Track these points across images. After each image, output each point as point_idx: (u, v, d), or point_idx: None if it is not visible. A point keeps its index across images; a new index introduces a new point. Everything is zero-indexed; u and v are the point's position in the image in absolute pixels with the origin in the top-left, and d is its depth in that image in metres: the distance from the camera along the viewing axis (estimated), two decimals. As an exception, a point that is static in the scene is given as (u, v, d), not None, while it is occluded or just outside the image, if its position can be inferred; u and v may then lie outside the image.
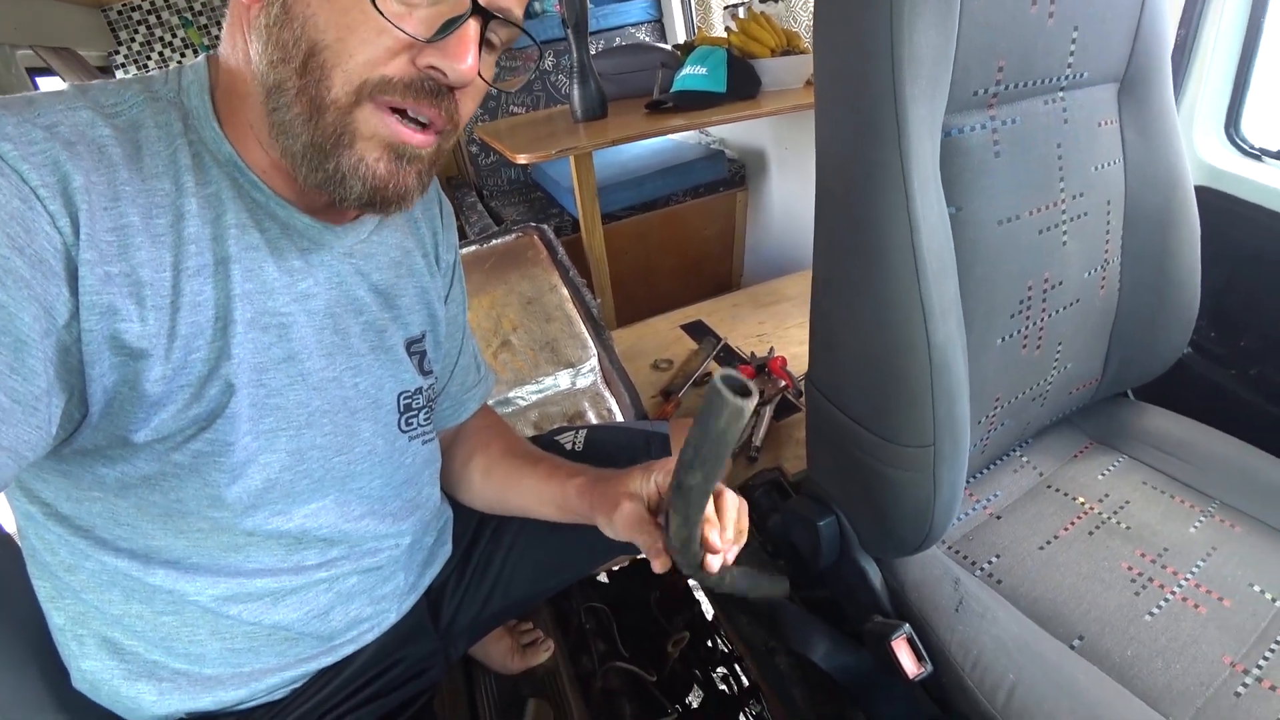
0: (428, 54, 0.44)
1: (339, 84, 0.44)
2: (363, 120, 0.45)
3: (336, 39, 0.43)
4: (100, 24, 2.28)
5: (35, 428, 0.38)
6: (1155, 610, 0.69)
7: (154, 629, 0.55)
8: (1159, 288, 0.82)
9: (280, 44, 0.44)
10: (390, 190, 0.48)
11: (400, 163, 0.47)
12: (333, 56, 0.43)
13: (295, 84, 0.44)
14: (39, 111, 0.41)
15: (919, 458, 0.63)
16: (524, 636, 1.07)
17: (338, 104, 0.44)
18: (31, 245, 0.37)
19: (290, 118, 0.45)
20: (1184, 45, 0.98)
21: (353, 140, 0.45)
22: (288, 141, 0.46)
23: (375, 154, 0.46)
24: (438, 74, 0.45)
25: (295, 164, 0.46)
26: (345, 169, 0.46)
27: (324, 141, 0.45)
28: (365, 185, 0.47)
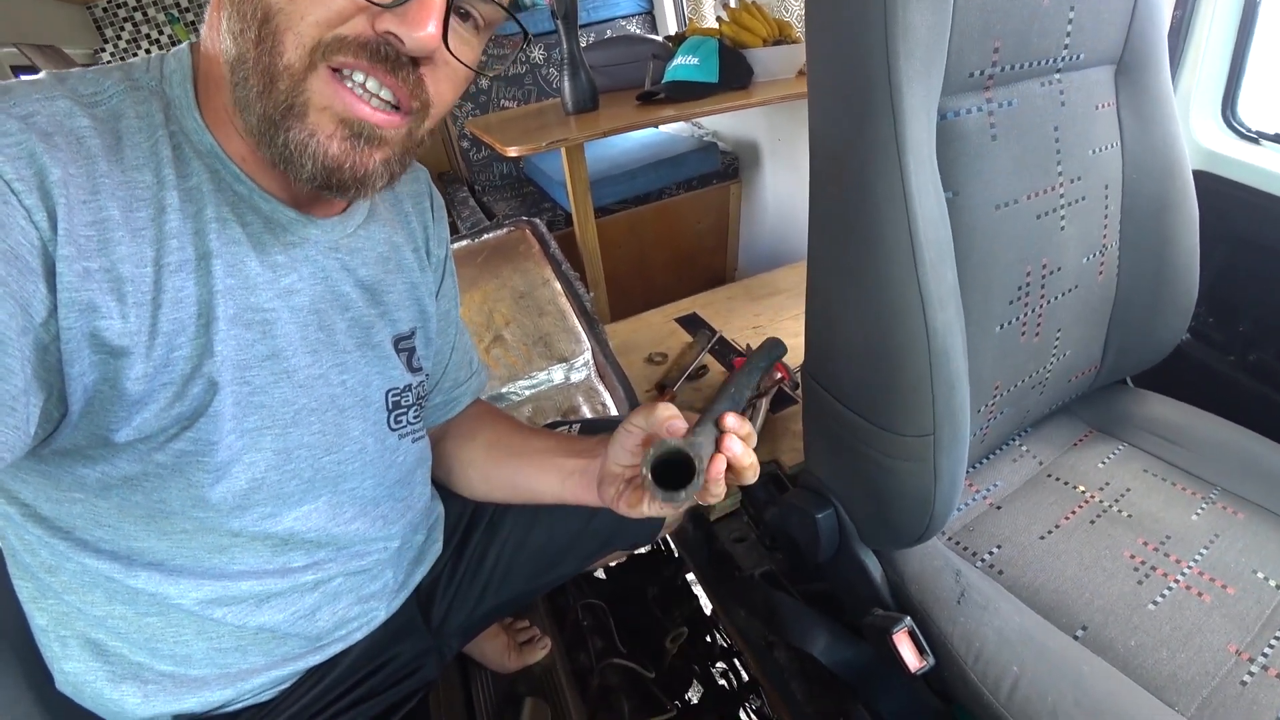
0: (386, 19, 0.41)
1: (291, 48, 0.41)
2: (315, 90, 0.42)
3: (289, 1, 0.41)
4: (86, 21, 2.26)
5: (13, 428, 0.36)
6: (1159, 599, 0.68)
7: (138, 630, 0.53)
8: (1158, 273, 0.82)
9: (241, 14, 0.42)
10: (346, 172, 0.44)
11: (358, 142, 0.44)
12: (285, 20, 0.41)
13: (252, 54, 0.42)
14: (15, 101, 0.39)
15: (918, 447, 0.62)
16: (520, 634, 1.06)
17: (290, 70, 0.42)
18: (6, 241, 0.36)
19: (247, 91, 0.43)
20: (1180, 27, 0.97)
21: (304, 111, 0.42)
22: (246, 116, 0.44)
23: (329, 129, 0.43)
24: (396, 40, 0.42)
25: (255, 141, 0.44)
26: (294, 143, 0.43)
27: (274, 112, 0.42)
28: (317, 163, 0.43)
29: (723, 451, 0.49)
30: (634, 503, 0.55)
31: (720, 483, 0.49)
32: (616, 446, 0.56)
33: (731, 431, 0.49)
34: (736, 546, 1.04)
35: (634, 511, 0.55)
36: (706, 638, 1.23)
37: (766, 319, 1.65)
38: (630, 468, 0.57)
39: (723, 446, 0.49)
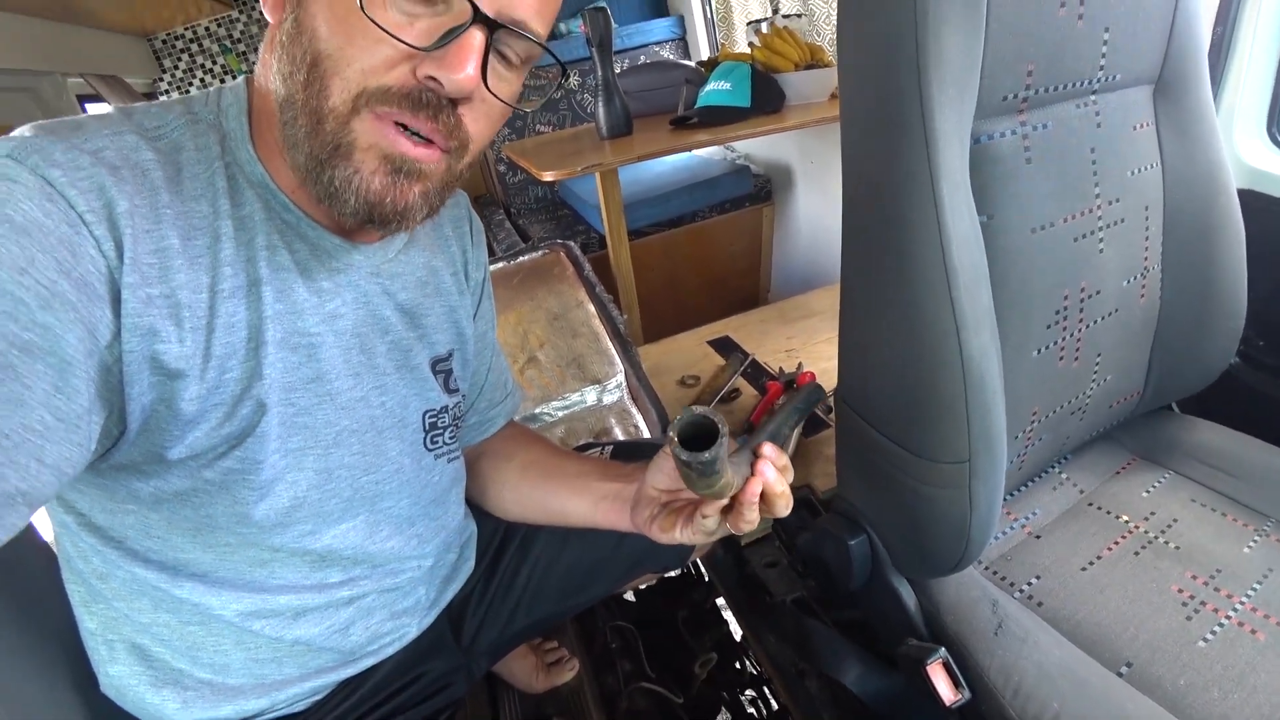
0: (426, 64, 0.43)
1: (337, 92, 0.43)
2: (360, 130, 0.44)
3: (336, 48, 0.43)
4: (146, 52, 2.38)
5: (77, 444, 0.38)
6: (1209, 636, 0.65)
7: (180, 638, 0.55)
8: (1202, 295, 0.79)
9: (292, 58, 0.44)
10: (388, 205, 0.46)
11: (398, 177, 0.46)
12: (332, 65, 0.43)
13: (301, 96, 0.44)
14: (86, 137, 0.42)
15: (954, 474, 0.61)
16: (548, 655, 1.06)
17: (335, 112, 0.43)
18: (78, 269, 0.39)
19: (296, 130, 0.45)
20: (1220, 44, 0.95)
21: (350, 151, 0.44)
22: (294, 154, 0.46)
23: (371, 166, 0.45)
24: (435, 84, 0.44)
25: (303, 178, 0.46)
26: (339, 180, 0.45)
27: (321, 152, 0.44)
28: (359, 199, 0.45)
29: (757, 475, 0.49)
30: (667, 527, 0.55)
31: (754, 507, 0.49)
32: (655, 470, 0.57)
33: (767, 458, 0.49)
34: (768, 572, 1.03)
35: (666, 536, 0.55)
36: (736, 664, 1.22)
37: (799, 342, 1.64)
38: (666, 492, 0.57)
39: (757, 469, 0.49)
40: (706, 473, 0.43)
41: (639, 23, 2.69)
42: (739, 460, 0.50)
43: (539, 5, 0.46)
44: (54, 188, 0.38)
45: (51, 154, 0.39)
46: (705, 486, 0.46)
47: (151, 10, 2.12)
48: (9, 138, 0.40)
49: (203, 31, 2.44)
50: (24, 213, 0.37)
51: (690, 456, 0.40)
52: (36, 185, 0.38)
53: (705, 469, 0.41)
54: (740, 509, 0.49)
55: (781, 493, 0.50)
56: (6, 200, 0.37)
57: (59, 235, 0.38)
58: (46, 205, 0.38)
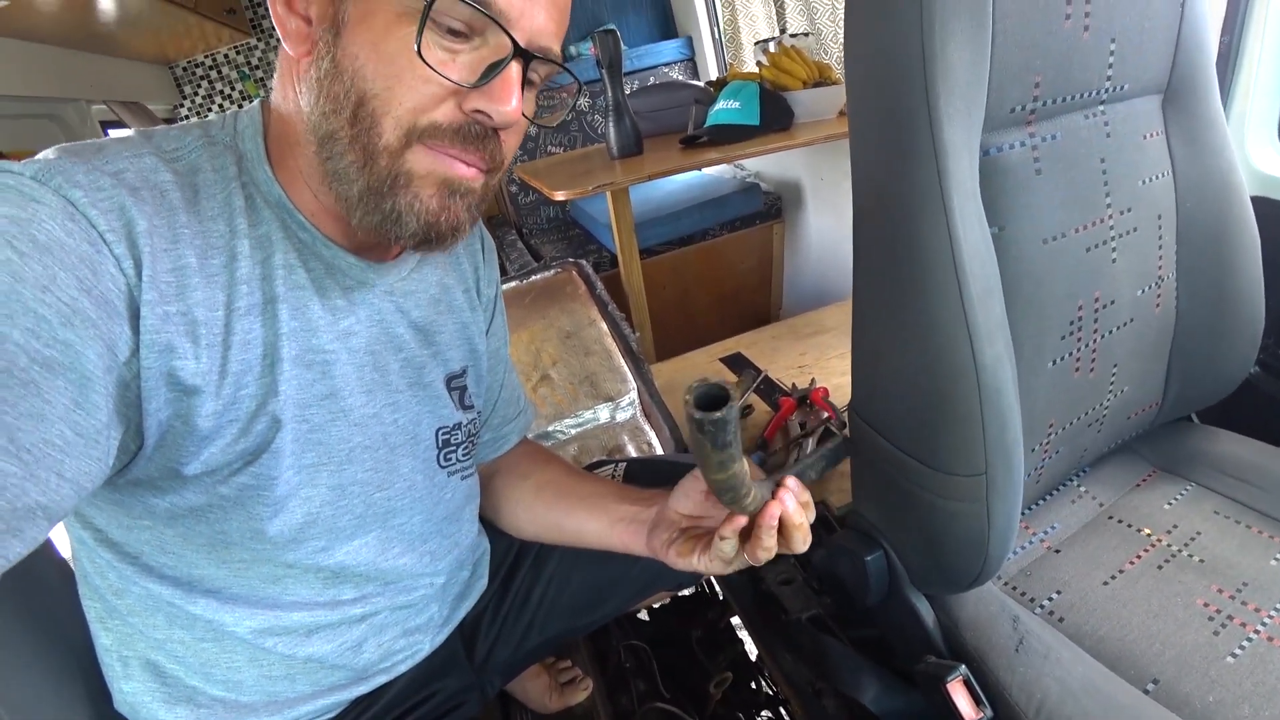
0: (473, 98, 0.46)
1: (389, 130, 0.45)
2: (415, 161, 0.46)
3: (384, 88, 0.44)
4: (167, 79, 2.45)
5: (96, 459, 0.39)
6: (1238, 651, 0.64)
7: (194, 655, 0.55)
8: (1219, 304, 0.78)
9: (331, 97, 0.45)
10: (443, 224, 0.49)
11: (453, 197, 0.49)
12: (381, 105, 0.45)
13: (347, 133, 0.46)
14: (107, 159, 0.43)
15: (970, 487, 0.60)
16: (562, 674, 1.05)
17: (389, 149, 0.46)
18: (98, 286, 0.39)
19: (344, 165, 0.47)
20: (1228, 53, 0.95)
21: (409, 181, 0.47)
22: (343, 187, 0.47)
23: (429, 191, 0.48)
24: (483, 117, 0.46)
25: (350, 208, 0.48)
26: (401, 208, 0.47)
27: (380, 185, 0.47)
28: (420, 221, 0.48)
29: (778, 500, 0.49)
30: (684, 553, 0.55)
31: (772, 533, 0.50)
32: (680, 494, 0.57)
33: (790, 489, 0.50)
34: (783, 589, 1.01)
35: (683, 563, 0.56)
36: (751, 684, 1.20)
37: (812, 358, 1.63)
38: (688, 517, 0.58)
39: (778, 495, 0.49)
40: (719, 440, 0.43)
41: (648, 44, 2.73)
42: (762, 486, 0.50)
43: (557, 30, 0.49)
44: (76, 208, 0.39)
45: (74, 175, 0.40)
46: (719, 468, 0.45)
47: (174, 40, 2.18)
48: (34, 160, 0.41)
49: (222, 59, 2.51)
50: (47, 232, 0.38)
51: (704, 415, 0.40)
52: (59, 205, 0.39)
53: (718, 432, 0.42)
54: (758, 534, 0.50)
55: (800, 525, 0.51)
56: (31, 220, 0.38)
57: (80, 254, 0.39)
58: (69, 225, 0.39)
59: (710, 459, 0.45)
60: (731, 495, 0.48)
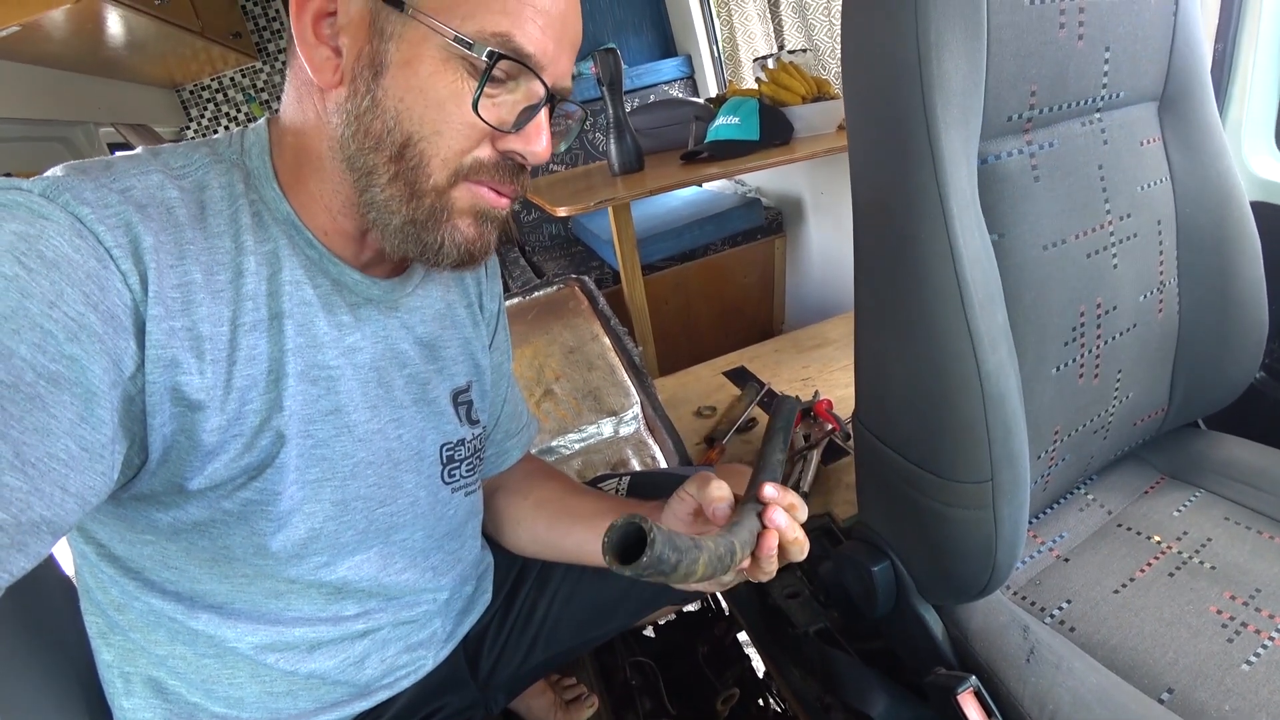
0: (508, 140, 0.49)
1: (438, 171, 0.48)
2: (459, 196, 0.50)
3: (433, 132, 0.47)
4: (174, 102, 2.49)
5: (100, 474, 0.39)
6: (1253, 658, 0.63)
7: (196, 671, 0.55)
8: (1222, 309, 0.78)
9: (371, 133, 0.47)
10: (478, 249, 0.53)
11: (485, 224, 0.52)
12: (430, 147, 0.47)
13: (390, 169, 0.48)
14: (114, 176, 0.44)
15: (977, 494, 0.60)
16: (567, 692, 1.03)
17: (437, 188, 0.48)
18: (105, 302, 0.40)
19: (386, 197, 0.49)
20: (1223, 60, 0.95)
21: (450, 215, 0.50)
22: (382, 217, 0.49)
23: (466, 221, 0.51)
24: (518, 157, 0.50)
25: (385, 235, 0.50)
26: (444, 239, 0.50)
27: (425, 219, 0.49)
28: (460, 250, 0.51)
29: (768, 525, 0.49)
30: None
31: (772, 559, 0.49)
32: (669, 514, 0.57)
33: (772, 503, 0.49)
34: (790, 602, 1.01)
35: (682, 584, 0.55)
36: (759, 700, 1.18)
37: (815, 370, 1.63)
38: None
39: (766, 519, 0.49)
40: (663, 571, 0.39)
41: (648, 63, 2.76)
42: (745, 515, 0.49)
43: (570, 69, 0.52)
44: (83, 224, 0.40)
45: (82, 192, 0.41)
46: (683, 578, 0.41)
47: (180, 63, 2.22)
48: (43, 177, 0.41)
49: (228, 81, 2.54)
50: (54, 248, 0.38)
51: (632, 569, 0.37)
52: (67, 222, 0.39)
53: (654, 569, 0.38)
54: (759, 563, 0.49)
55: (795, 539, 0.50)
56: (39, 237, 0.38)
57: (87, 270, 0.39)
58: (76, 241, 0.39)
59: (672, 580, 0.41)
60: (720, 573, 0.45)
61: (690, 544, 0.41)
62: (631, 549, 0.39)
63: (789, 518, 0.49)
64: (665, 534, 0.39)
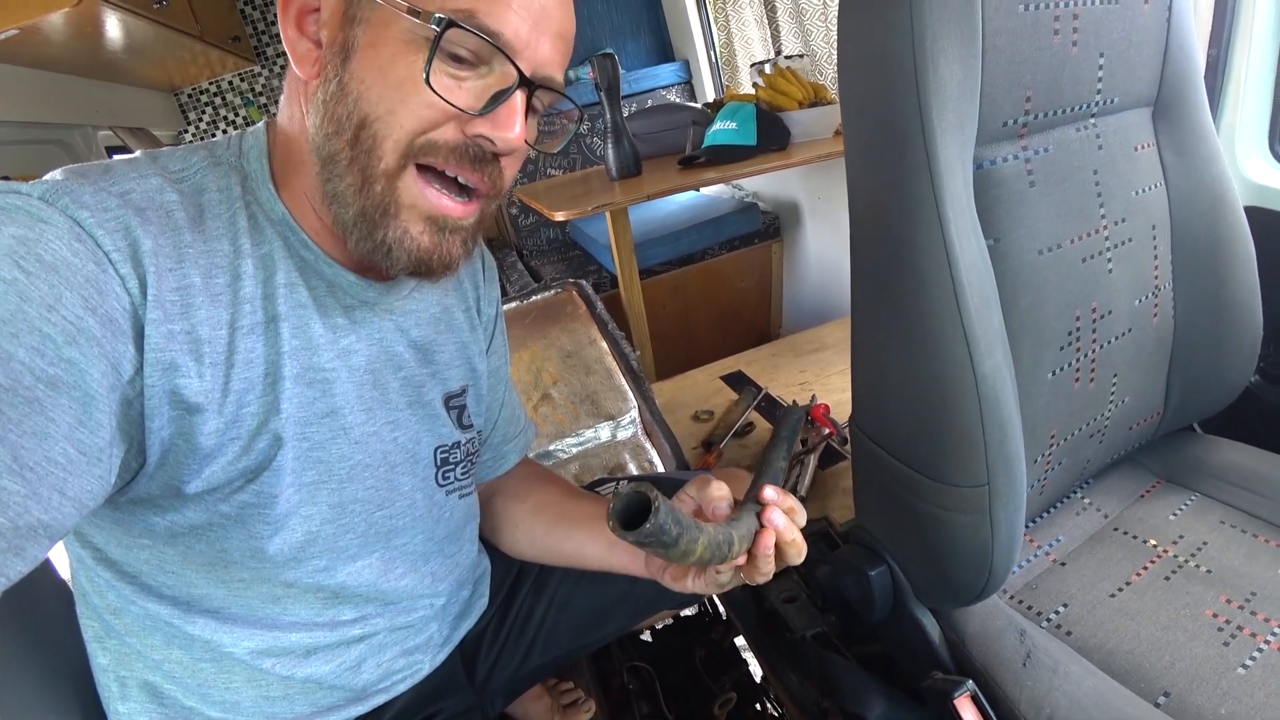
0: (476, 124, 0.46)
1: (389, 153, 0.46)
2: (404, 189, 0.47)
3: (388, 111, 0.45)
4: (172, 106, 2.49)
5: (98, 478, 0.39)
6: (1249, 662, 0.63)
7: (192, 676, 0.55)
8: (1217, 313, 0.79)
9: (335, 118, 0.46)
10: (435, 260, 0.50)
11: (444, 234, 0.49)
12: (384, 128, 0.45)
13: (348, 155, 0.46)
14: (113, 180, 0.44)
15: (973, 498, 0.60)
16: (564, 696, 1.03)
17: (387, 172, 0.46)
18: (103, 306, 0.40)
19: (343, 188, 0.47)
20: (1216, 66, 0.96)
21: (396, 210, 0.47)
22: (340, 210, 0.48)
23: (419, 227, 0.48)
24: (485, 142, 0.47)
25: (347, 232, 0.49)
26: (391, 240, 0.48)
27: (373, 211, 0.47)
28: (410, 257, 0.49)
29: (766, 525, 0.49)
30: (679, 577, 0.55)
31: (769, 560, 0.49)
32: None
33: (771, 504, 0.49)
34: (787, 607, 1.01)
35: (679, 586, 0.55)
36: (756, 705, 1.18)
37: (812, 375, 1.63)
38: None
39: (765, 519, 0.49)
40: (664, 542, 0.41)
41: (646, 68, 2.77)
42: (744, 514, 0.49)
43: (561, 60, 0.50)
44: (82, 228, 0.40)
45: (80, 196, 0.41)
46: (681, 555, 0.43)
47: (179, 67, 2.22)
48: (42, 181, 0.42)
49: (226, 86, 2.55)
50: (53, 252, 0.38)
51: (635, 535, 0.39)
52: (66, 225, 0.39)
53: (655, 539, 0.40)
54: (755, 562, 0.49)
55: (793, 540, 0.50)
56: (38, 240, 0.38)
57: (86, 273, 0.39)
58: (75, 245, 0.39)
59: (670, 556, 0.43)
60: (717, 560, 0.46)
61: (693, 524, 0.43)
62: (635, 517, 0.40)
63: (787, 520, 0.49)
64: (670, 506, 0.40)
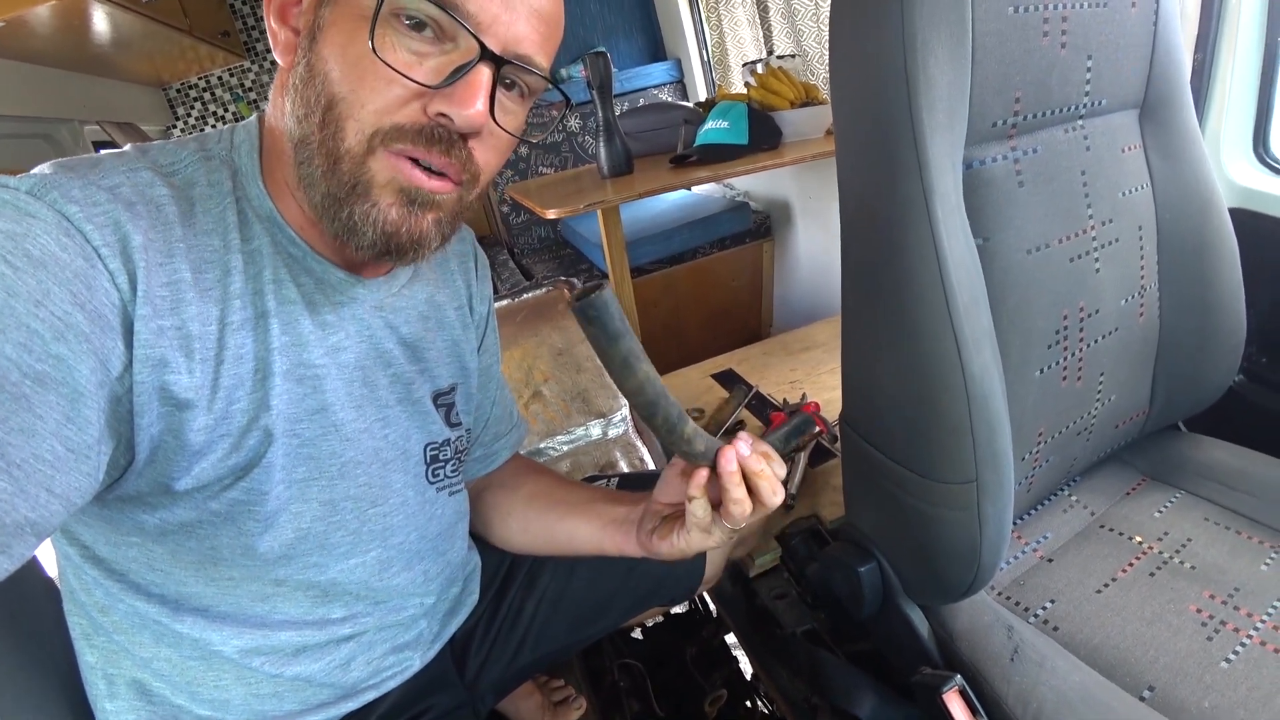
0: (437, 101, 0.44)
1: (352, 134, 0.44)
2: (377, 168, 0.45)
3: (350, 90, 0.44)
4: (160, 101, 2.46)
5: (86, 475, 0.39)
6: (1231, 656, 0.64)
7: (180, 674, 0.55)
8: (1201, 313, 0.80)
9: (305, 100, 0.46)
10: (404, 235, 0.47)
11: (413, 208, 0.47)
12: (346, 108, 0.44)
13: (316, 138, 0.45)
14: (103, 174, 0.43)
15: (961, 494, 0.60)
16: (555, 693, 1.03)
17: (352, 154, 0.45)
18: (92, 301, 0.39)
19: (312, 170, 0.46)
20: (1202, 69, 0.97)
21: (368, 189, 0.46)
22: (310, 193, 0.47)
23: (389, 200, 0.46)
24: (446, 120, 0.45)
25: (318, 215, 0.48)
26: (358, 216, 0.46)
27: (339, 191, 0.46)
28: (377, 230, 0.46)
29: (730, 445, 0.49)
30: (665, 535, 0.57)
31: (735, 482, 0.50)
32: (662, 483, 0.59)
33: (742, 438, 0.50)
34: (777, 603, 1.01)
35: (666, 546, 0.57)
36: (747, 701, 1.19)
37: (803, 373, 1.64)
38: (670, 505, 0.59)
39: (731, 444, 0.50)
40: (604, 326, 0.42)
41: (638, 67, 2.77)
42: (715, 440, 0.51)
43: (541, 40, 0.48)
44: (71, 223, 0.40)
45: (69, 190, 0.40)
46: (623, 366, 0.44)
47: (168, 62, 2.19)
48: (30, 174, 0.41)
49: (215, 81, 2.53)
50: (41, 247, 0.38)
51: (583, 302, 0.41)
52: (54, 220, 0.39)
53: (594, 315, 0.41)
54: (724, 488, 0.50)
55: (761, 472, 0.50)
56: (25, 235, 0.38)
57: (74, 269, 0.39)
58: (63, 239, 0.39)
59: (611, 358, 0.44)
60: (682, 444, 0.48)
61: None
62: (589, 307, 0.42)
63: (753, 450, 0.50)
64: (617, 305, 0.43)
